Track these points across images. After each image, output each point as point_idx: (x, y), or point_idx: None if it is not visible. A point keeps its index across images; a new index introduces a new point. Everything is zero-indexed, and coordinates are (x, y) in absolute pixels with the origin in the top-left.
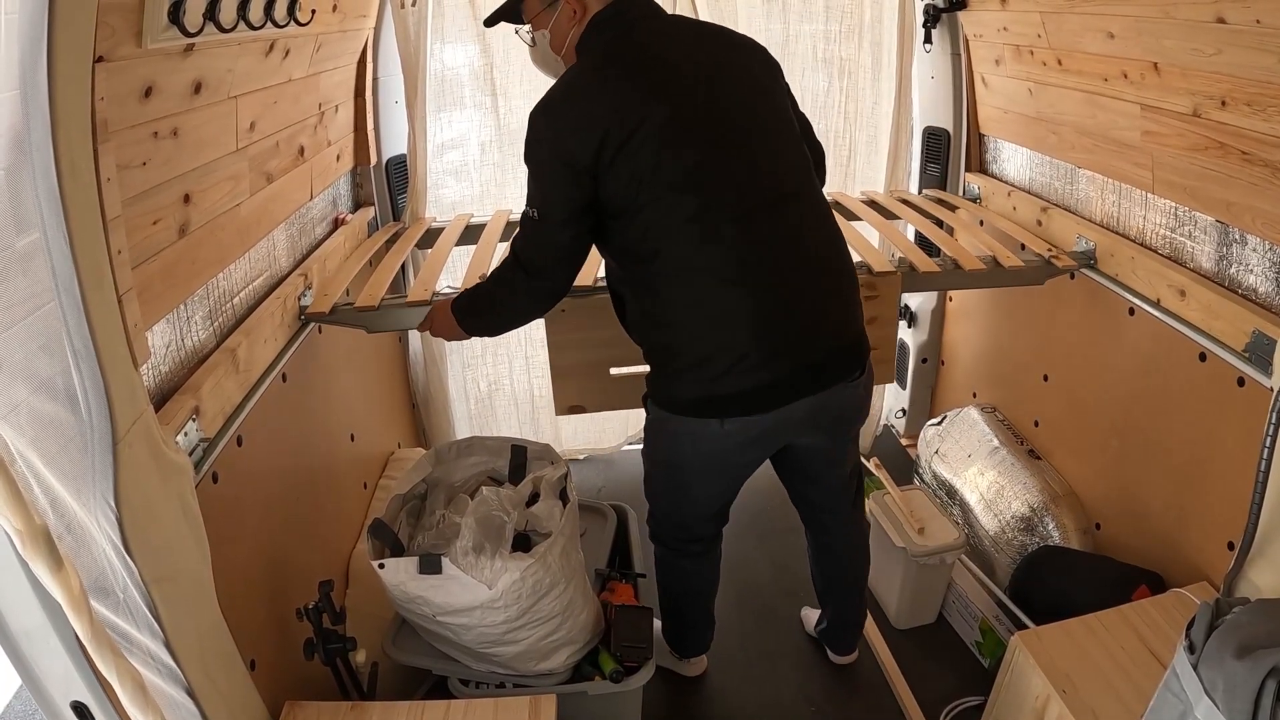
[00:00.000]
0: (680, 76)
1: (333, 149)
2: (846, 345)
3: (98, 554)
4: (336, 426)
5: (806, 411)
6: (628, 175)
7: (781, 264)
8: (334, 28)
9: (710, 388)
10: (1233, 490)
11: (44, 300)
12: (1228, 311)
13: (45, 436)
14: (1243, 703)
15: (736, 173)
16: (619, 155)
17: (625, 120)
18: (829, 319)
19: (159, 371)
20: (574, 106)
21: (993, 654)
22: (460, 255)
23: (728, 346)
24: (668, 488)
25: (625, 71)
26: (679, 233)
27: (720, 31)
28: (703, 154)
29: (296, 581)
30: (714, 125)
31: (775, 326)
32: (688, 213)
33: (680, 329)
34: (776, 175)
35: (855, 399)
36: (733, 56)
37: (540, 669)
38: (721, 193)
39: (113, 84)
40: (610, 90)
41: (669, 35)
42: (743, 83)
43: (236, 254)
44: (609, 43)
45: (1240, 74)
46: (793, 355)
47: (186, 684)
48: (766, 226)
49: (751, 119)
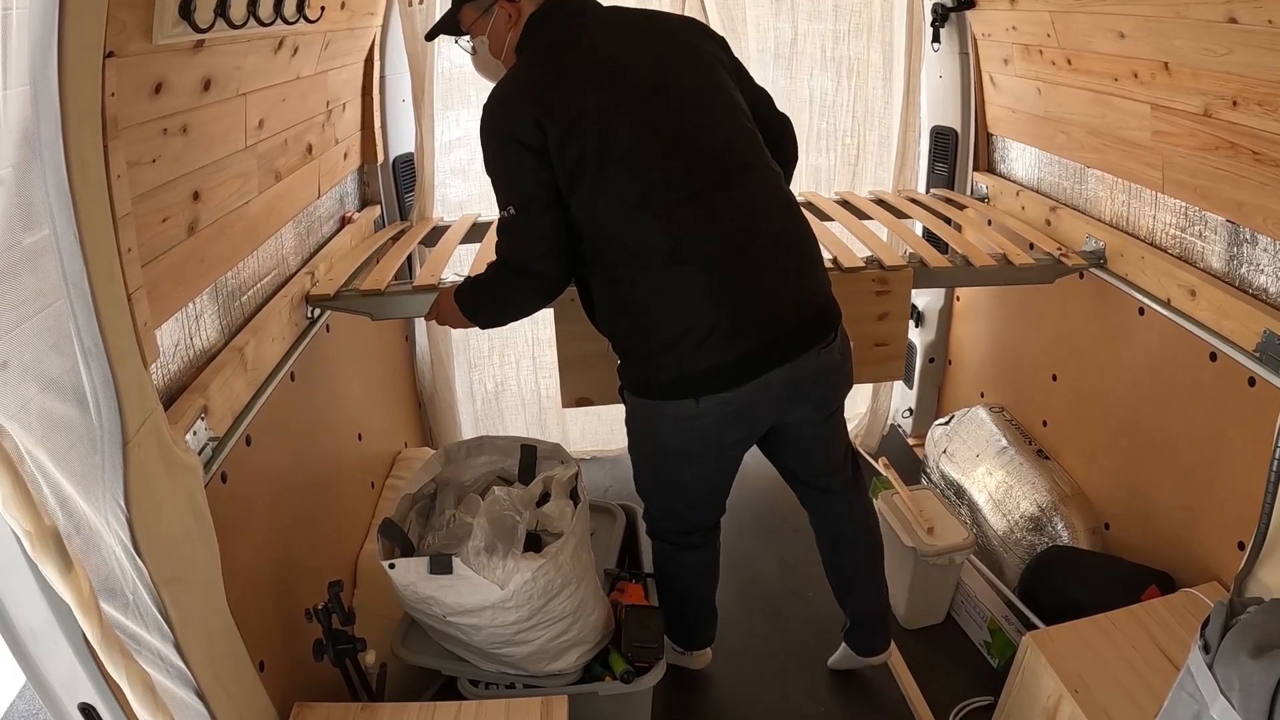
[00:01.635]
0: (619, 62)
1: (340, 147)
2: (813, 312)
3: (107, 555)
4: (344, 426)
5: (782, 382)
6: (574, 159)
7: (735, 238)
8: (342, 25)
9: (681, 368)
10: (1243, 490)
11: (53, 298)
12: (1238, 311)
13: (54, 436)
14: (1259, 702)
15: (682, 152)
16: (565, 138)
17: (567, 105)
18: (789, 288)
19: (168, 370)
20: (517, 93)
21: (1002, 654)
22: (466, 252)
23: (692, 325)
24: (657, 478)
25: (563, 61)
26: (629, 216)
27: (656, 15)
28: (646, 136)
29: (305, 582)
30: (656, 107)
31: (736, 300)
32: (635, 195)
33: (643, 312)
34: (723, 152)
35: (831, 364)
36: (672, 37)
37: (551, 669)
38: (668, 173)
39: (123, 80)
40: (550, 78)
41: (605, 24)
42: (682, 62)
43: (245, 252)
44: (546, 38)
45: (1252, 74)
46: (759, 327)
47: (196, 685)
48: (717, 203)
49: (695, 98)
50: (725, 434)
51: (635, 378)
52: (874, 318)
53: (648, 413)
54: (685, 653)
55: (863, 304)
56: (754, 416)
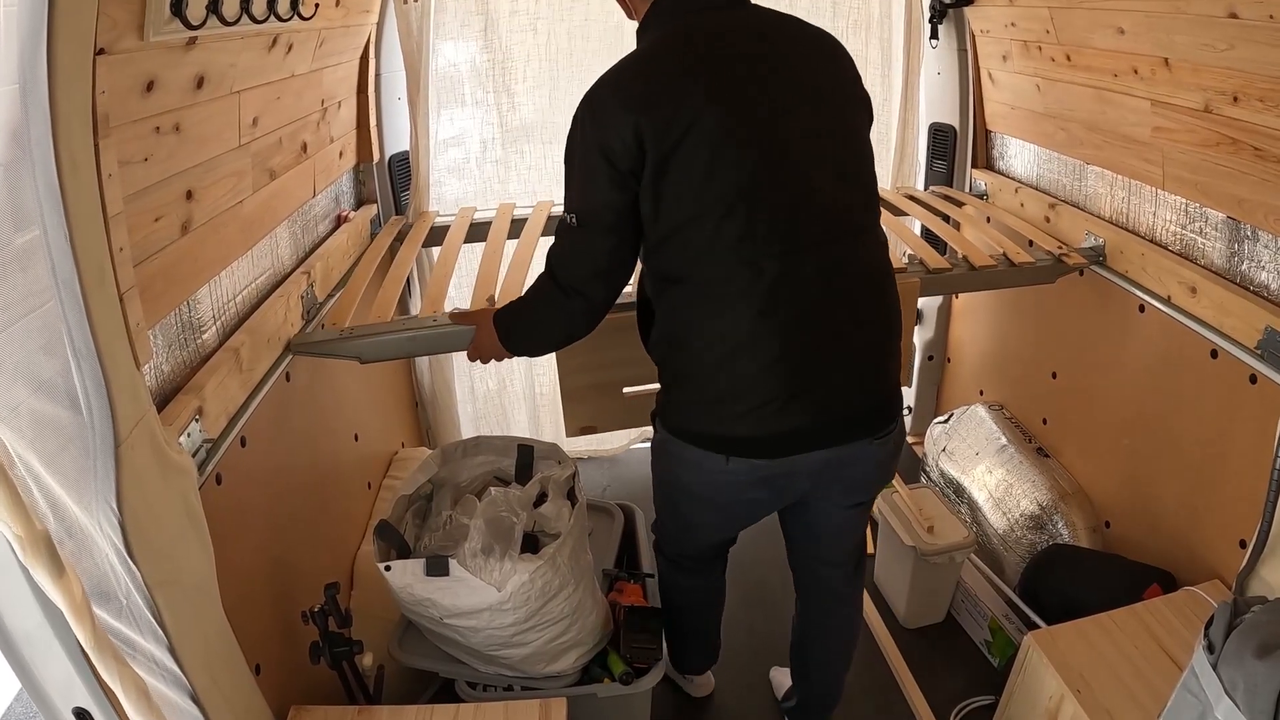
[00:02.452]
0: (744, 78)
1: (335, 145)
2: (879, 402)
3: (99, 559)
4: (340, 426)
5: (822, 463)
6: (675, 184)
7: (822, 307)
8: (337, 23)
9: (725, 426)
10: (1245, 488)
11: (44, 299)
12: (1239, 308)
13: (46, 438)
14: (1264, 703)
15: (792, 199)
16: (670, 160)
17: (676, 120)
18: (860, 372)
19: (161, 371)
20: (622, 96)
21: (1002, 653)
22: (468, 256)
23: (751, 386)
24: (668, 508)
25: (683, 65)
26: (720, 257)
27: (795, 25)
28: (759, 171)
29: (301, 584)
30: (776, 142)
31: (803, 374)
32: (733, 236)
33: (702, 358)
34: (842, 212)
35: (880, 457)
36: (807, 60)
37: (549, 671)
38: (773, 216)
39: (114, 78)
40: (664, 82)
41: (737, 29)
42: (817, 94)
43: (239, 252)
44: (670, 28)
45: (1253, 69)
46: (819, 404)
47: (191, 689)
48: (814, 262)
49: (818, 140)
50: (747, 495)
51: (673, 416)
52: None
53: (674, 450)
54: (683, 676)
55: None
56: (783, 485)
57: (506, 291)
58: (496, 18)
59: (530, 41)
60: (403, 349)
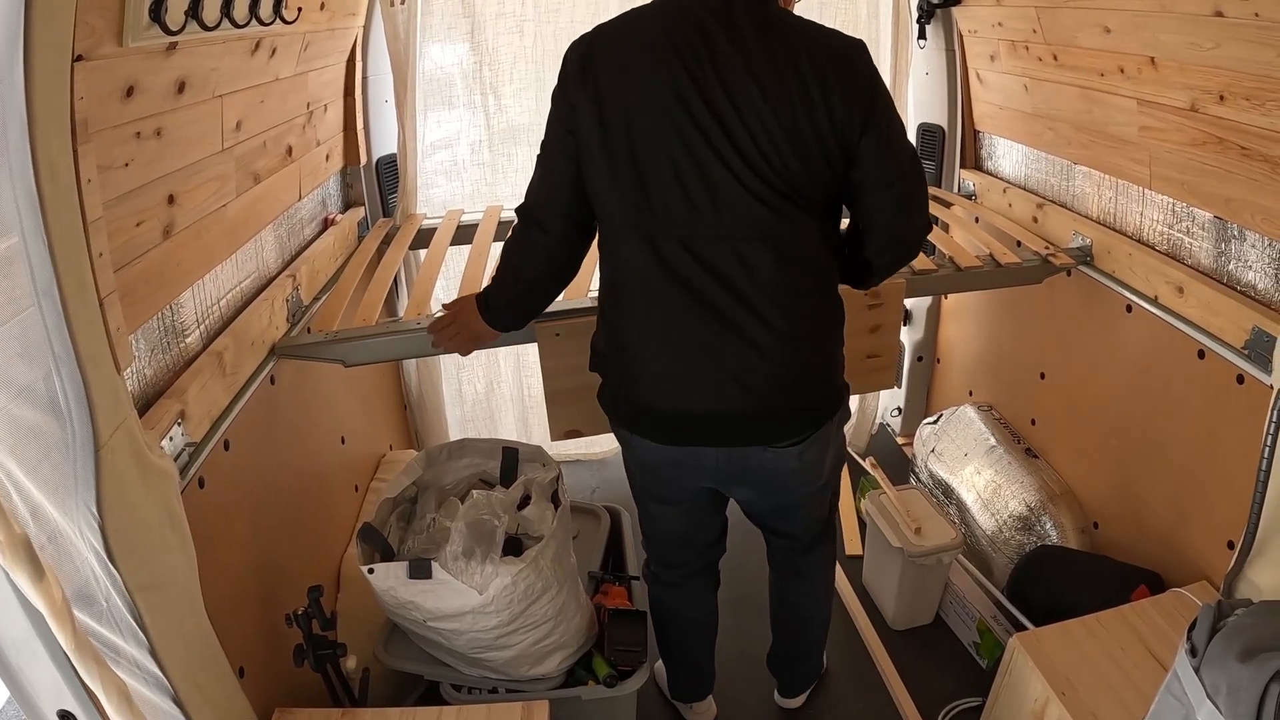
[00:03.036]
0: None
1: (322, 149)
2: (787, 407)
3: (80, 563)
4: (326, 429)
5: (719, 463)
6: (592, 136)
7: (721, 300)
8: (322, 26)
9: (623, 384)
10: (1232, 489)
11: (23, 305)
12: (1226, 308)
13: (25, 444)
14: (1247, 707)
15: (708, 194)
16: (598, 120)
17: (625, 90)
18: (765, 376)
19: (143, 375)
20: (587, 52)
21: (991, 654)
22: (456, 258)
23: (643, 359)
24: (635, 497)
25: (658, 44)
26: (618, 227)
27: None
28: (681, 161)
29: (286, 587)
30: (707, 135)
31: (697, 359)
32: (631, 212)
33: (612, 317)
34: (749, 214)
35: (785, 466)
36: (786, 75)
37: (533, 674)
38: (668, 207)
39: (93, 83)
40: (632, 49)
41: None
42: (776, 110)
43: (223, 255)
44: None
45: (1239, 68)
46: (709, 398)
47: (174, 693)
48: (717, 258)
49: (769, 146)
50: (670, 482)
51: (601, 376)
52: (866, 330)
53: (611, 426)
54: (685, 705)
55: (855, 317)
56: (695, 476)
57: None
58: (483, 20)
59: (517, 44)
60: (388, 352)
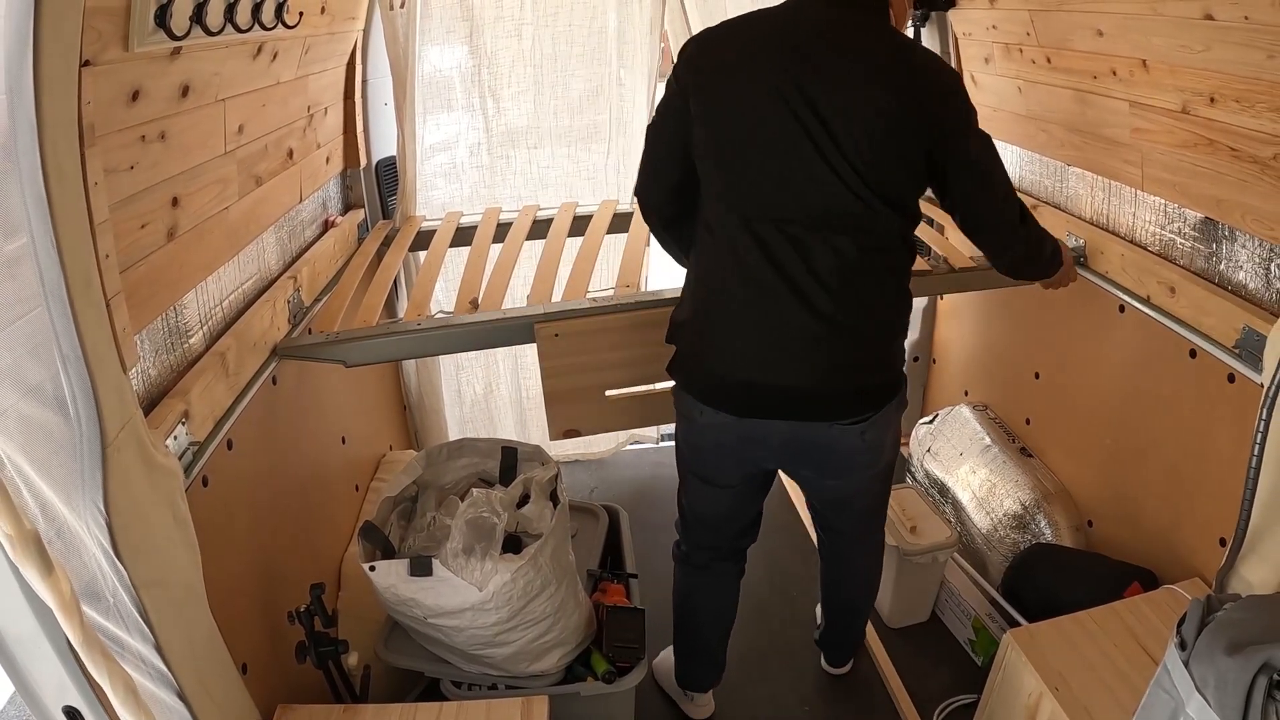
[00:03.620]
0: (805, 72)
1: (322, 151)
2: (843, 390)
3: (88, 559)
4: (328, 429)
5: (786, 438)
6: (706, 126)
7: (807, 283)
8: (322, 30)
9: (700, 359)
10: (1224, 486)
11: (32, 305)
12: (1217, 308)
13: (34, 441)
14: (1234, 699)
15: (795, 189)
16: (703, 91)
17: (730, 82)
18: (837, 356)
19: (148, 375)
20: (715, 38)
21: (986, 652)
22: (455, 260)
23: (726, 333)
24: (680, 477)
25: (769, 45)
26: (722, 208)
27: (860, 40)
28: (771, 156)
29: (288, 584)
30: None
31: (782, 333)
32: (733, 194)
33: (701, 292)
34: (841, 205)
35: (848, 443)
36: (845, 74)
37: (532, 670)
38: (768, 192)
39: (99, 88)
40: (746, 45)
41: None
42: (853, 114)
43: (226, 257)
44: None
45: (1229, 70)
46: (778, 371)
47: (178, 688)
48: (800, 243)
49: (846, 148)
50: (723, 459)
51: (676, 348)
52: None
53: (676, 401)
54: (685, 695)
55: None
56: (752, 454)
57: (490, 295)
58: (482, 23)
59: (515, 47)
60: (387, 353)
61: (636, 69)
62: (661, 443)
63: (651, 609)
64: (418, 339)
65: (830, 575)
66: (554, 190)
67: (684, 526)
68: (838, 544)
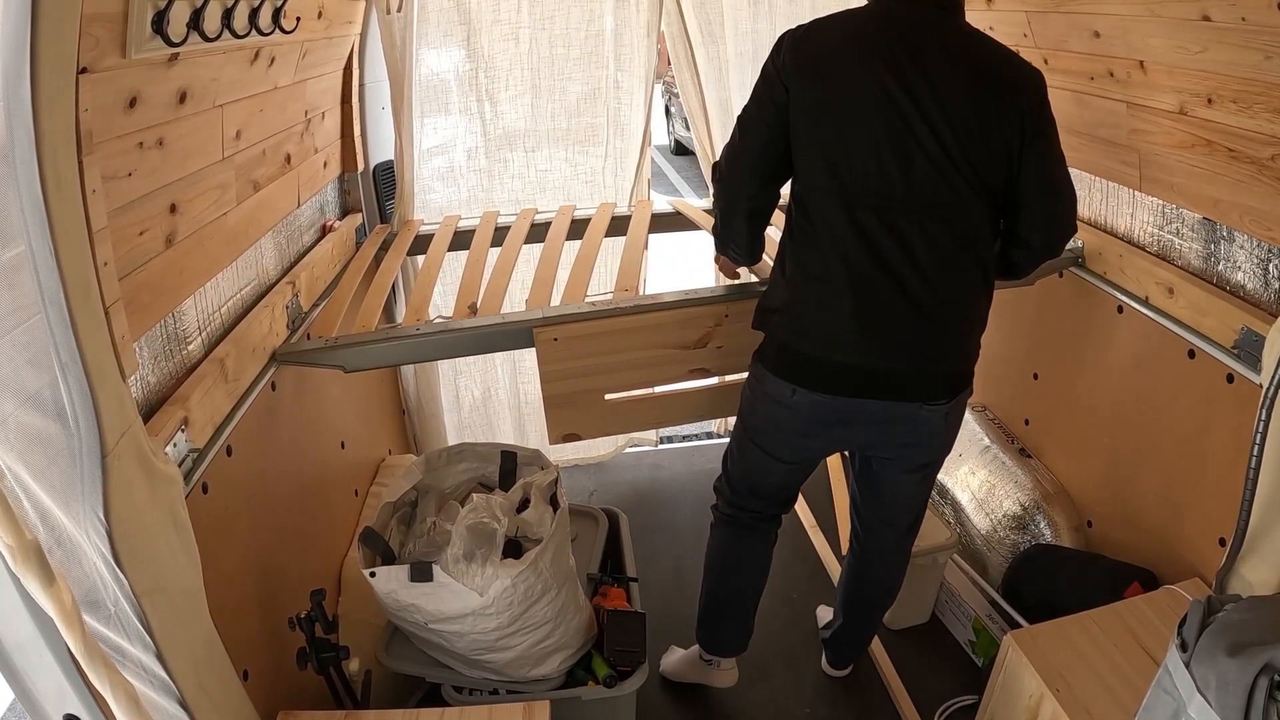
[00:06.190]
0: (903, 86)
1: (320, 156)
2: (933, 372)
3: (88, 567)
4: (327, 434)
5: (878, 417)
6: (811, 110)
7: (904, 270)
8: (319, 35)
9: (796, 340)
10: (1224, 486)
11: (30, 313)
12: (1216, 308)
13: (33, 450)
14: (1235, 700)
15: (901, 172)
16: (807, 81)
17: (832, 74)
18: (930, 341)
19: (147, 382)
20: (814, 33)
21: (986, 653)
22: (453, 264)
23: (822, 317)
24: (739, 448)
25: (866, 40)
26: (824, 196)
27: (965, 46)
28: (884, 143)
29: (289, 591)
30: (910, 130)
31: (880, 317)
32: (834, 181)
33: (798, 277)
34: (936, 194)
35: (929, 423)
36: (954, 83)
37: (533, 675)
38: (868, 180)
39: (97, 95)
40: (846, 40)
41: (925, 37)
42: (957, 123)
43: (224, 263)
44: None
45: (1226, 71)
46: (877, 354)
47: (180, 696)
48: (901, 230)
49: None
50: (809, 437)
51: (764, 329)
52: None
53: (754, 381)
54: (711, 662)
55: None
56: (841, 433)
57: (488, 299)
58: (479, 27)
59: (513, 50)
60: (386, 358)
61: (634, 71)
62: (660, 445)
63: (651, 612)
64: (416, 344)
65: (858, 572)
66: (552, 193)
67: (730, 487)
68: (883, 538)
